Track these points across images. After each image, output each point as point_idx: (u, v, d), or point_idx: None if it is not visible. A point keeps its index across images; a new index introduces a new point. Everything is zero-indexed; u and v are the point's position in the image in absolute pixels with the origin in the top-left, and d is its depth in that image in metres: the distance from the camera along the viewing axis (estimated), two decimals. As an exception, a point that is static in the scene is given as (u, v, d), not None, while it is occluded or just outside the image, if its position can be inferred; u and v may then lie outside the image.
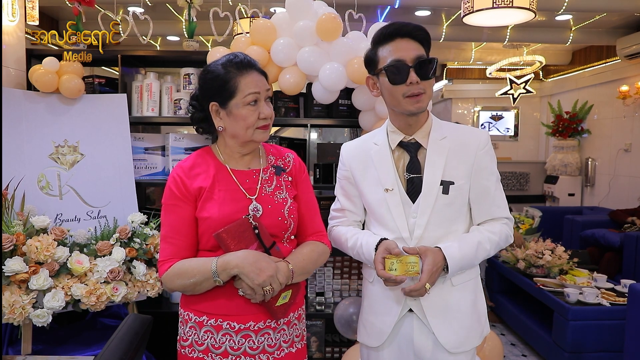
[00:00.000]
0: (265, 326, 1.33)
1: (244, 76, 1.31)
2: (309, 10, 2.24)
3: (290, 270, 1.30)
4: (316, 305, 2.66)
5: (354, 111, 2.53)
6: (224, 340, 1.31)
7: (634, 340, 2.41)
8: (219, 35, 2.55)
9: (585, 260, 3.85)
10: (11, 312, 1.73)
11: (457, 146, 1.41)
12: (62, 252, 1.89)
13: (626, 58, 5.31)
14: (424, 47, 1.39)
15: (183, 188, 1.33)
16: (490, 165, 1.44)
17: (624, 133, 5.86)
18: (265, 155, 1.46)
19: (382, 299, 1.47)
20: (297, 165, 1.48)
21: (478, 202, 1.44)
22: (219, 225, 1.28)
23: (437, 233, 1.40)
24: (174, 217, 1.33)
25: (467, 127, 1.51)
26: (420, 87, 1.35)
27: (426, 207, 1.38)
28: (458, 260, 1.35)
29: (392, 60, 1.35)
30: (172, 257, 1.31)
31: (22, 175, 2.09)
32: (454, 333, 1.41)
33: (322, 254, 1.44)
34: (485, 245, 1.39)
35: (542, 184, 7.17)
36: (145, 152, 2.55)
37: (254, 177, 1.39)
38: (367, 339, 1.52)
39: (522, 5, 2.90)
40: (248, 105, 1.31)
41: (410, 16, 5.14)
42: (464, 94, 8.01)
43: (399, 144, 1.46)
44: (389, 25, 1.39)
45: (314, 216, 1.48)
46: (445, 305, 1.41)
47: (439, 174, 1.39)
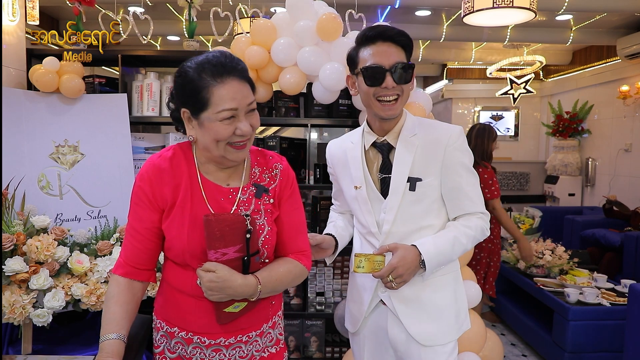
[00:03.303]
0: (236, 341, 1.27)
1: (218, 86, 1.12)
2: (309, 10, 2.23)
3: (258, 291, 1.20)
4: (316, 305, 2.66)
5: (354, 111, 2.53)
6: (194, 352, 1.27)
7: (634, 340, 2.41)
8: (219, 35, 2.55)
9: (585, 260, 3.85)
10: (11, 312, 1.73)
11: (427, 143, 1.43)
12: (62, 251, 1.89)
13: (626, 58, 5.31)
14: (405, 52, 1.41)
15: (150, 193, 1.22)
16: (461, 161, 1.44)
17: (624, 133, 5.86)
18: (250, 168, 1.30)
19: (358, 288, 1.56)
20: (283, 180, 1.32)
21: (450, 197, 1.46)
22: (187, 250, 1.19)
23: (405, 228, 1.44)
24: (137, 218, 1.24)
25: (440, 124, 1.51)
26: (396, 91, 1.38)
27: (393, 203, 1.42)
28: (434, 255, 1.37)
29: (370, 63, 1.37)
30: (126, 262, 1.25)
31: (22, 175, 2.09)
32: (425, 327, 1.45)
33: (299, 277, 1.33)
34: (462, 240, 1.41)
35: (542, 184, 7.18)
36: (146, 152, 2.55)
37: (229, 197, 1.24)
38: (348, 324, 1.63)
39: (523, 5, 2.89)
40: (223, 120, 1.13)
41: (411, 16, 5.14)
42: (464, 94, 8.01)
43: (372, 145, 1.49)
44: (373, 27, 1.41)
45: (297, 235, 1.35)
46: (416, 299, 1.45)
47: (406, 172, 1.42)
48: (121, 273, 1.25)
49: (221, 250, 1.15)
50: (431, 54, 6.82)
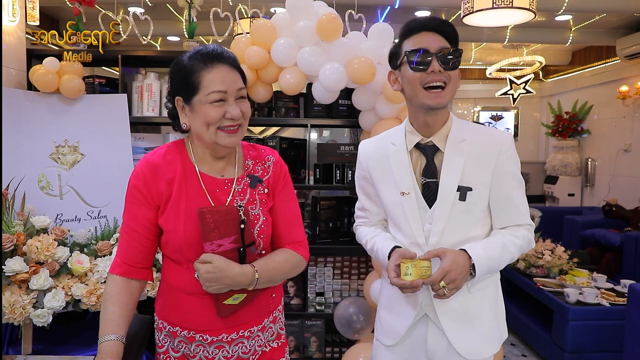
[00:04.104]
0: (238, 337, 1.28)
1: (208, 70, 1.18)
2: (309, 10, 2.24)
3: (255, 279, 1.21)
4: (316, 305, 2.66)
5: (354, 111, 2.53)
6: (198, 350, 1.28)
7: (633, 340, 2.41)
8: (219, 36, 2.56)
9: (585, 260, 3.85)
10: (11, 312, 1.73)
11: (477, 150, 1.34)
12: (62, 252, 1.89)
13: (626, 58, 5.32)
14: (450, 42, 1.33)
15: (145, 190, 1.23)
16: (512, 170, 1.36)
17: (623, 133, 5.87)
18: (243, 160, 1.33)
19: (399, 300, 1.44)
20: (276, 171, 1.35)
21: (499, 208, 1.37)
22: (184, 243, 1.21)
23: (453, 240, 1.34)
24: (132, 216, 1.25)
25: (489, 129, 1.43)
26: (443, 77, 1.28)
27: (442, 213, 1.33)
28: (485, 260, 1.28)
29: (415, 48, 1.29)
30: (123, 261, 1.26)
31: (22, 175, 2.09)
32: (470, 340, 1.37)
33: (296, 266, 1.34)
34: (510, 248, 1.33)
35: (542, 184, 7.18)
36: (146, 152, 2.55)
37: (225, 187, 1.27)
38: (382, 336, 1.50)
39: (522, 6, 2.90)
40: (213, 103, 1.18)
41: (410, 16, 5.11)
42: (464, 94, 8.02)
43: (415, 146, 1.40)
44: (415, 19, 1.35)
45: (292, 227, 1.36)
46: (463, 312, 1.37)
47: (456, 180, 1.32)
48: (118, 272, 1.25)
49: (217, 241, 1.17)
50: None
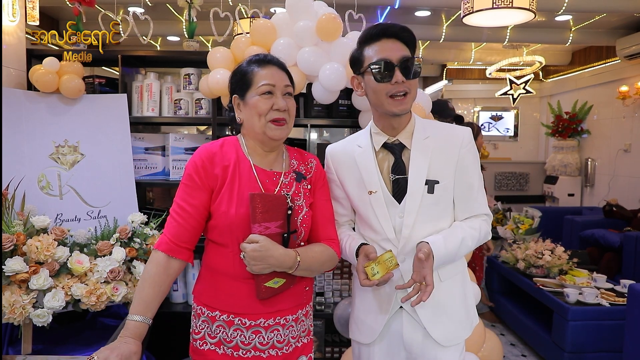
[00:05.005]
0: (274, 323, 1.36)
1: (260, 69, 1.37)
2: (309, 10, 2.24)
3: (297, 262, 1.31)
4: (316, 305, 2.66)
5: (354, 111, 2.53)
6: (235, 335, 1.34)
7: (633, 340, 2.41)
8: (219, 36, 2.56)
9: (584, 260, 3.86)
10: (11, 312, 1.73)
11: (441, 145, 1.43)
12: (62, 252, 1.89)
13: (626, 58, 5.32)
14: (409, 48, 1.40)
15: (203, 174, 1.34)
16: (472, 163, 1.46)
17: (623, 133, 5.87)
18: (289, 159, 1.47)
19: (374, 298, 1.51)
20: (318, 172, 1.49)
21: (462, 199, 1.46)
22: (234, 224, 1.30)
23: (424, 232, 1.41)
24: (186, 199, 1.34)
25: (449, 126, 1.52)
26: (405, 86, 1.37)
27: (412, 207, 1.40)
28: (443, 255, 1.36)
29: (378, 59, 1.36)
30: (170, 239, 1.33)
31: (22, 175, 2.09)
32: (445, 328, 1.45)
33: (330, 260, 1.44)
34: (468, 242, 1.42)
35: (541, 184, 7.18)
36: (146, 152, 2.55)
37: (273, 179, 1.39)
38: (359, 336, 1.56)
39: (522, 6, 2.90)
40: (262, 95, 1.34)
41: (410, 16, 5.14)
42: (463, 94, 8.03)
43: (383, 146, 1.47)
44: (375, 25, 1.41)
45: (327, 223, 1.48)
46: (435, 301, 1.42)
47: (423, 174, 1.40)
48: (164, 249, 1.32)
49: (264, 224, 1.28)
50: (431, 55, 6.83)
